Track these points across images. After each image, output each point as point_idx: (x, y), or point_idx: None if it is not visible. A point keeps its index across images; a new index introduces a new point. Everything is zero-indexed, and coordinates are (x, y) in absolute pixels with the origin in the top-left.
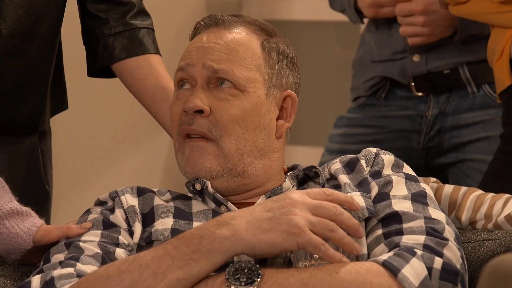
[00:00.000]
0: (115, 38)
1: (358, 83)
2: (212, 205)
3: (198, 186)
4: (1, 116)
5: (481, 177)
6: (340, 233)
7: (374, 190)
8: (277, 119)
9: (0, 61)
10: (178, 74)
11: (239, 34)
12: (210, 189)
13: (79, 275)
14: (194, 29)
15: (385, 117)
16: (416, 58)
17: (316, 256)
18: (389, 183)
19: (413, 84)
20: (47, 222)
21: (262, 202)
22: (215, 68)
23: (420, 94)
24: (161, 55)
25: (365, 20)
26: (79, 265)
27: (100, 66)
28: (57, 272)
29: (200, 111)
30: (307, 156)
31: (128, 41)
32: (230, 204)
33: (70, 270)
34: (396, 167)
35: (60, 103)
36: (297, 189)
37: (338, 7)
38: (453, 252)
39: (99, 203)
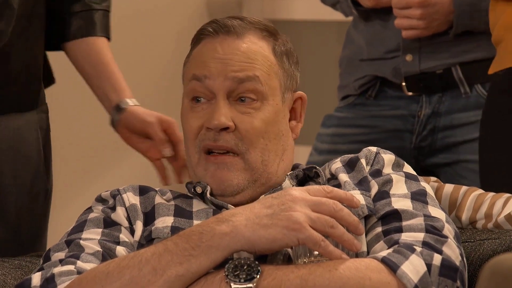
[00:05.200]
0: (71, 17)
1: (347, 82)
2: (213, 206)
3: (199, 189)
4: (11, 97)
5: (476, 178)
6: (340, 229)
7: (374, 188)
8: (289, 120)
9: (11, 42)
10: (192, 83)
11: (252, 42)
12: (208, 196)
13: (79, 272)
14: (199, 34)
15: (376, 116)
16: (409, 57)
17: (315, 252)
18: (389, 181)
19: (404, 84)
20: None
21: (261, 198)
22: (241, 77)
23: (411, 94)
24: (110, 39)
25: (351, 18)
26: (80, 263)
27: (54, 43)
28: (57, 269)
29: (225, 127)
30: (307, 156)
31: (83, 21)
32: (230, 206)
33: (71, 267)
34: (397, 166)
35: (49, 78)
36: None
37: (330, 0)
38: (452, 250)
39: (100, 200)
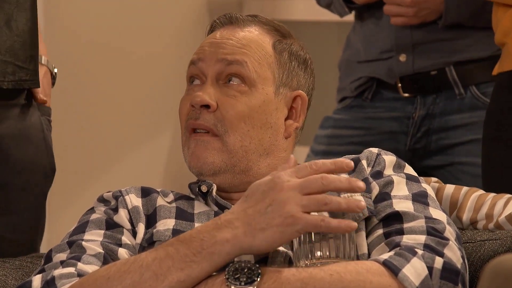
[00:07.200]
0: None
1: (345, 84)
2: (215, 208)
3: (204, 188)
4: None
5: (471, 180)
6: (335, 203)
7: (375, 190)
8: (286, 119)
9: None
10: (189, 68)
11: (252, 32)
12: (214, 193)
13: (79, 274)
14: (211, 27)
15: (372, 118)
16: (402, 58)
17: (317, 254)
18: (390, 183)
19: (400, 85)
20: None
21: (251, 197)
22: (229, 60)
23: (406, 95)
24: None
25: (351, 19)
26: (80, 265)
27: None
28: (58, 271)
29: (207, 106)
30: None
31: None
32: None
33: (71, 269)
34: (398, 168)
35: None
36: None
37: (324, 0)
38: (453, 252)
39: (102, 200)
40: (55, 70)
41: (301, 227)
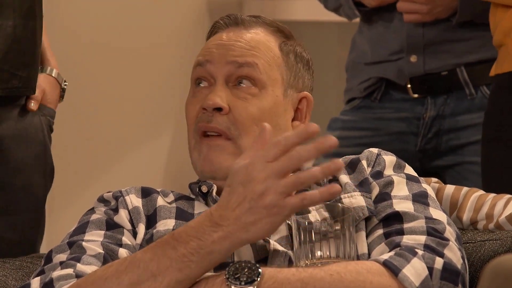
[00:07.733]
0: None
1: (352, 85)
2: None
3: (204, 189)
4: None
5: (480, 180)
6: (311, 176)
7: (375, 190)
8: (293, 120)
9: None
10: (196, 69)
11: (258, 34)
12: (214, 194)
13: (78, 275)
14: (212, 27)
15: (380, 119)
16: (413, 58)
17: (317, 254)
18: (390, 183)
19: (409, 86)
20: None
21: (231, 185)
22: (240, 62)
23: (416, 96)
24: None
25: (357, 20)
26: (79, 266)
27: None
28: (56, 273)
29: (219, 109)
30: None
31: None
32: None
33: (69, 271)
34: (398, 168)
35: None
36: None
37: (333, 4)
38: (453, 252)
39: (103, 200)
40: (65, 83)
41: (288, 212)
